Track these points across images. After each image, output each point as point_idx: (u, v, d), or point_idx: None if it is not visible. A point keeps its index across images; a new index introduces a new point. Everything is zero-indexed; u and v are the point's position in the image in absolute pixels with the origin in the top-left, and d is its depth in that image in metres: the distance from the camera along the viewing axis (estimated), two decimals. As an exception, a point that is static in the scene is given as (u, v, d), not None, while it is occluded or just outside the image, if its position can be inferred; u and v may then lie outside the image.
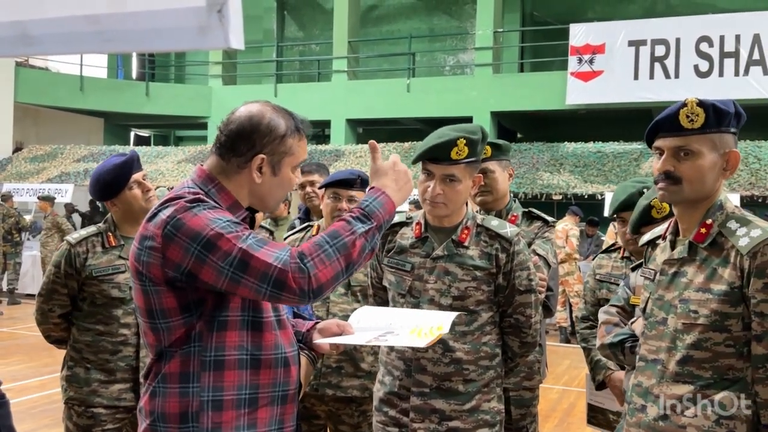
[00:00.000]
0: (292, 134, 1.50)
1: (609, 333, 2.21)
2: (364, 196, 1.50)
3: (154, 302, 1.42)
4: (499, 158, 2.80)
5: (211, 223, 1.37)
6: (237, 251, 1.34)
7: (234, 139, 1.47)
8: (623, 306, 2.33)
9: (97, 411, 2.45)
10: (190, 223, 1.37)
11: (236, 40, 0.69)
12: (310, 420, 2.71)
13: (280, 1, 16.88)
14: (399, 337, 1.66)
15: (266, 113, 1.49)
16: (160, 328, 1.43)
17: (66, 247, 2.50)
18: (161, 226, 1.39)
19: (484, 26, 13.13)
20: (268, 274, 1.34)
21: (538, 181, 10.23)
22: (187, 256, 1.36)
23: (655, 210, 2.28)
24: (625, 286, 2.40)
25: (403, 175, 1.54)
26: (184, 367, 1.42)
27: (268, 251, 1.35)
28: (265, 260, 1.34)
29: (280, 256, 1.35)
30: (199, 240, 1.36)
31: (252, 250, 1.35)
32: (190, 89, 16.09)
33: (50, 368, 6.32)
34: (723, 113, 1.63)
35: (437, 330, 1.65)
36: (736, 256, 1.59)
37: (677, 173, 1.65)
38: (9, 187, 11.89)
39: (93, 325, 2.47)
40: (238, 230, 1.38)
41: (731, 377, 1.59)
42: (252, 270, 1.34)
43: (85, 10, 0.70)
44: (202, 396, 1.41)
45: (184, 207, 1.39)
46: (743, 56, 10.86)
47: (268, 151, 1.47)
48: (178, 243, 1.37)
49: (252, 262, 1.34)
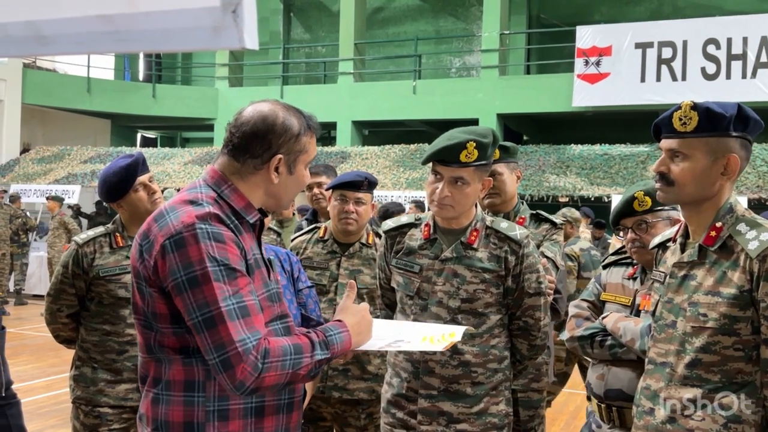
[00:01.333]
0: (305, 132, 1.50)
1: (579, 326, 2.27)
2: (330, 324, 1.49)
3: (148, 304, 1.42)
4: (507, 160, 2.79)
5: (208, 262, 1.33)
6: (214, 308, 1.31)
7: (249, 141, 1.45)
8: (593, 301, 2.37)
9: (104, 411, 2.45)
10: (189, 248, 1.34)
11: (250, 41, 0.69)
12: (317, 422, 2.71)
13: (287, 3, 16.92)
14: (411, 344, 1.65)
15: (279, 112, 1.47)
16: (153, 329, 1.42)
17: (74, 247, 2.51)
18: (165, 235, 1.37)
19: (490, 28, 13.12)
20: (224, 350, 1.31)
21: (544, 183, 10.21)
22: (171, 279, 1.35)
23: (637, 202, 2.27)
24: (596, 282, 2.42)
25: (367, 324, 1.56)
26: (188, 375, 1.40)
27: (240, 328, 1.31)
28: (232, 336, 1.30)
29: (247, 342, 1.31)
30: (188, 272, 1.33)
31: (228, 317, 1.31)
32: (197, 91, 16.14)
33: (57, 369, 6.34)
34: (717, 117, 1.62)
35: (450, 336, 1.65)
36: (746, 259, 1.58)
37: (670, 175, 1.66)
38: (16, 188, 11.95)
39: (100, 325, 2.48)
40: (230, 283, 1.34)
41: (740, 381, 1.58)
42: (214, 334, 1.31)
43: (99, 10, 0.71)
44: (207, 406, 1.40)
45: (191, 223, 1.36)
46: (751, 59, 10.82)
47: (284, 150, 1.46)
48: (169, 261, 1.35)
49: (220, 327, 1.31)
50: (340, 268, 2.73)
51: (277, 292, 1.51)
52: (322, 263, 2.74)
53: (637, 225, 2.27)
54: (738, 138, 1.65)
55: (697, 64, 11.09)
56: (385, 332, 1.72)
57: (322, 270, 2.73)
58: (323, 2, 16.59)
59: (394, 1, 15.86)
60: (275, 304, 1.48)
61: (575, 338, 2.27)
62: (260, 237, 1.55)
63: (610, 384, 2.20)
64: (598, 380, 2.25)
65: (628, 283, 2.32)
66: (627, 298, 2.29)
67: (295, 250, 2.76)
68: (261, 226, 1.55)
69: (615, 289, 2.35)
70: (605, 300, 2.35)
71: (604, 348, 2.19)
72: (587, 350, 2.25)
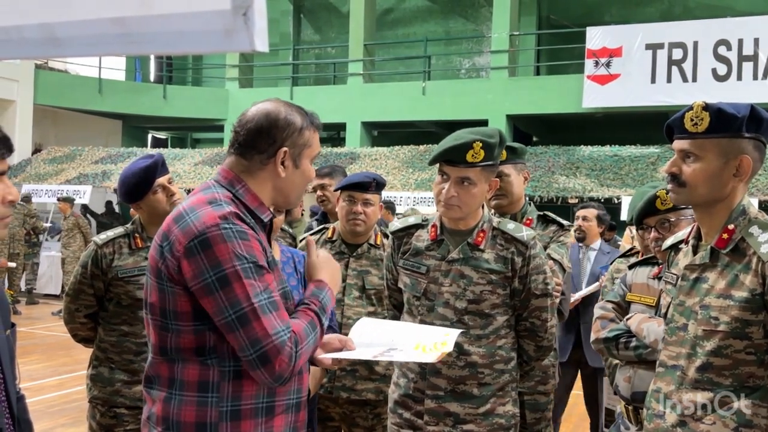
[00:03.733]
0: (308, 127, 1.53)
1: (604, 328, 2.26)
2: (315, 287, 1.56)
3: (169, 302, 1.42)
4: (515, 161, 2.79)
5: (236, 260, 1.36)
6: (247, 304, 1.35)
7: (254, 137, 1.48)
8: (619, 302, 2.35)
9: (120, 411, 2.46)
10: (216, 248, 1.36)
11: (261, 43, 0.69)
12: (325, 422, 2.72)
13: (297, 4, 16.96)
14: (403, 353, 1.67)
15: (281, 108, 1.51)
16: (170, 329, 1.43)
17: (93, 247, 2.51)
18: (188, 236, 1.38)
19: (500, 29, 13.10)
20: (261, 344, 1.35)
21: (554, 184, 10.18)
22: (198, 280, 1.36)
23: (660, 201, 2.25)
24: (621, 283, 2.40)
25: (337, 270, 1.64)
26: (203, 376, 1.42)
27: (275, 321, 1.36)
28: (267, 330, 1.35)
29: (282, 334, 1.36)
30: (218, 271, 1.35)
31: (261, 312, 1.35)
32: (207, 92, 16.20)
33: (68, 368, 6.39)
34: (729, 117, 1.60)
35: (441, 346, 1.65)
36: (758, 262, 1.57)
37: (682, 176, 1.65)
38: (28, 188, 12.03)
39: (118, 326, 2.49)
40: (259, 279, 1.38)
41: (751, 385, 1.57)
42: (250, 330, 1.35)
43: (112, 13, 0.71)
44: (221, 407, 1.41)
45: (216, 224, 1.38)
46: (762, 60, 10.74)
47: (288, 144, 1.49)
48: (196, 263, 1.36)
49: (254, 323, 1.35)
50: (348, 268, 2.74)
51: (287, 291, 1.54)
52: (330, 264, 2.75)
53: (660, 224, 2.26)
54: (751, 139, 1.62)
55: (708, 65, 11.02)
56: (380, 337, 1.72)
57: (331, 271, 2.73)
58: (333, 3, 16.62)
59: (403, 2, 15.86)
60: (287, 302, 1.51)
61: (600, 340, 2.24)
62: (270, 237, 1.57)
63: (637, 386, 2.19)
64: (625, 382, 2.24)
65: (653, 283, 2.30)
66: (652, 298, 2.27)
67: (303, 250, 2.77)
68: (271, 226, 1.58)
69: (640, 290, 2.33)
70: (630, 300, 2.33)
71: (629, 349, 2.17)
72: (613, 352, 2.23)
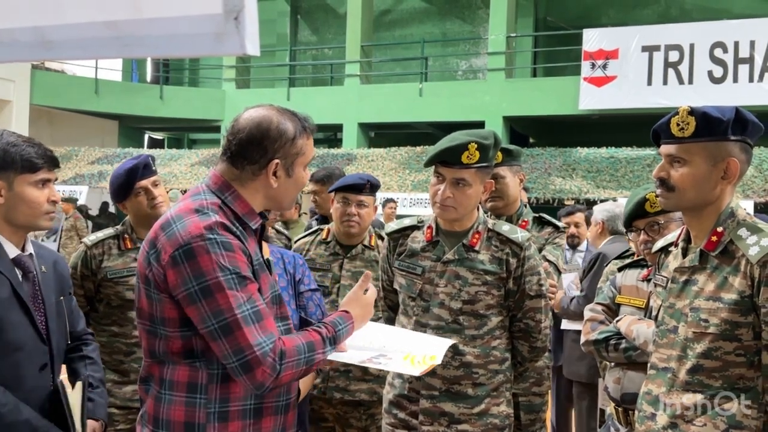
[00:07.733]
0: (301, 135, 1.51)
1: (594, 330, 2.27)
2: (339, 316, 1.57)
3: (157, 309, 1.43)
4: (510, 163, 2.80)
5: (219, 271, 1.37)
6: (230, 315, 1.36)
7: (245, 147, 1.47)
8: (608, 304, 2.36)
9: (110, 411, 2.46)
10: (200, 259, 1.37)
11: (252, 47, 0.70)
12: (318, 423, 2.73)
13: (294, 5, 16.95)
14: (392, 362, 1.67)
15: (273, 118, 1.49)
16: (158, 334, 1.45)
17: (83, 248, 2.52)
18: (173, 245, 1.39)
19: (497, 31, 13.12)
20: (243, 354, 1.36)
21: (550, 186, 10.20)
22: (182, 289, 1.38)
23: (650, 203, 2.26)
24: (611, 285, 2.41)
25: (369, 313, 1.67)
26: (192, 377, 1.43)
27: (256, 332, 1.37)
28: (249, 340, 1.36)
29: (264, 345, 1.37)
30: (201, 282, 1.36)
31: (243, 323, 1.36)
32: (204, 93, 16.19)
33: (63, 368, 6.36)
34: (715, 121, 1.61)
35: (430, 359, 1.66)
36: (747, 265, 1.58)
37: (670, 181, 1.66)
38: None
39: (108, 327, 2.49)
40: (242, 290, 1.38)
41: (741, 386, 1.58)
42: (232, 340, 1.36)
43: (104, 16, 0.72)
44: (209, 408, 1.43)
45: (200, 234, 1.38)
46: (758, 62, 10.77)
47: (280, 155, 1.48)
48: (180, 272, 1.38)
49: (237, 333, 1.36)
50: (343, 269, 2.74)
51: (278, 295, 1.54)
52: (324, 265, 2.76)
53: (649, 226, 2.26)
54: (737, 142, 1.64)
55: (704, 67, 11.04)
56: (372, 341, 1.73)
57: (325, 272, 2.75)
58: (330, 4, 16.62)
59: (400, 4, 15.87)
60: (276, 307, 1.51)
61: (590, 342, 2.25)
62: (261, 241, 1.57)
63: (627, 388, 2.20)
64: (615, 384, 2.25)
65: (642, 285, 2.31)
66: (641, 300, 2.27)
67: (298, 251, 2.78)
68: (262, 230, 1.57)
69: (630, 292, 2.34)
70: (620, 303, 2.34)
71: (619, 351, 2.18)
72: (603, 354, 2.24)
